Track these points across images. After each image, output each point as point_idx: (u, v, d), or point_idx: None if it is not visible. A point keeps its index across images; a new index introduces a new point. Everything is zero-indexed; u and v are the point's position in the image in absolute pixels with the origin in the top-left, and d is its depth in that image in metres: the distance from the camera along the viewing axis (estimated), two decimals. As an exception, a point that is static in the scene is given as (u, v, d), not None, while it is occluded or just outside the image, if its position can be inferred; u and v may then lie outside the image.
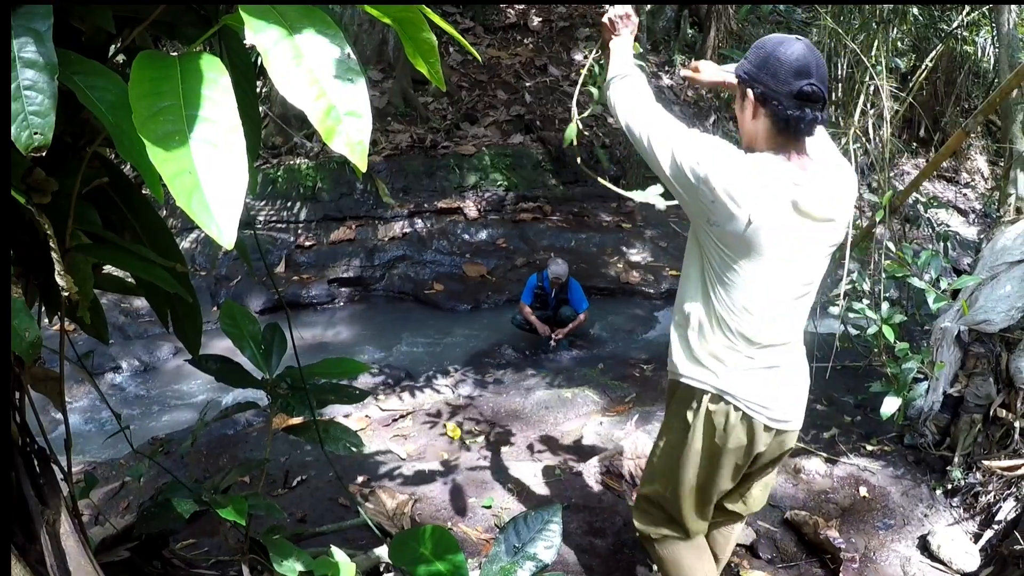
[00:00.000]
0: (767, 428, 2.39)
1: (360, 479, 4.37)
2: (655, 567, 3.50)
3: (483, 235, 10.65)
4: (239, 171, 1.16)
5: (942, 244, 5.90)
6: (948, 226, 10.67)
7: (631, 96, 2.43)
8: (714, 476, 2.50)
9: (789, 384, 2.42)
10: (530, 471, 4.44)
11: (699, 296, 2.36)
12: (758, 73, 2.19)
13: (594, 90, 3.24)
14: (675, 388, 2.52)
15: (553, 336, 7.85)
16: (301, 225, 10.49)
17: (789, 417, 2.43)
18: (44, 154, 1.19)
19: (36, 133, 1.18)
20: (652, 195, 2.67)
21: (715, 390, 2.37)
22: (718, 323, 2.32)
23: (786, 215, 2.15)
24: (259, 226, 10.16)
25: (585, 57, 13.79)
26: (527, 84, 13.10)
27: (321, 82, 1.20)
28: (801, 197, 2.14)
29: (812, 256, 2.27)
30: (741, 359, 2.32)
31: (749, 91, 2.23)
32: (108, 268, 1.99)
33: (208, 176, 1.13)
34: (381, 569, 2.98)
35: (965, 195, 12.34)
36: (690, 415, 2.44)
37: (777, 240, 2.16)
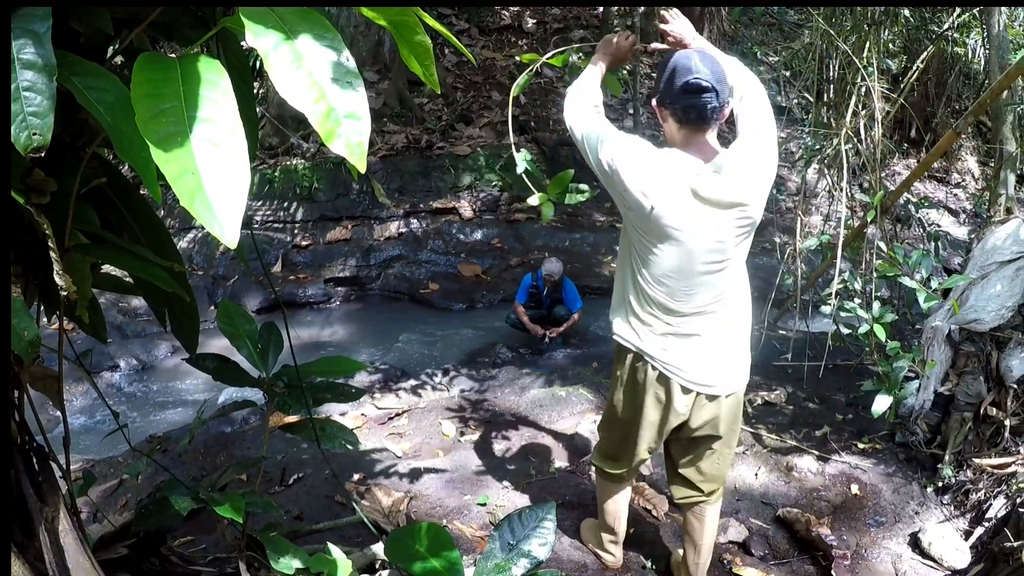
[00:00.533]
0: (686, 390, 2.75)
1: (356, 477, 4.38)
2: (649, 563, 3.56)
3: (478, 235, 10.66)
4: (241, 171, 1.17)
5: (933, 244, 5.92)
6: (939, 226, 10.67)
7: (580, 100, 2.76)
8: (637, 427, 2.91)
9: (710, 352, 2.72)
10: (524, 469, 4.46)
11: (628, 271, 2.75)
12: (658, 86, 2.57)
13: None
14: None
15: (547, 335, 7.87)
16: (298, 225, 10.50)
17: (708, 382, 2.75)
18: (43, 155, 1.19)
19: (35, 134, 1.18)
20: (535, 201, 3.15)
21: (636, 350, 2.78)
22: (642, 294, 2.70)
23: (686, 202, 2.46)
24: (256, 226, 10.16)
25: (579, 59, 13.78)
26: (521, 85, 13.10)
27: (321, 85, 1.21)
28: (701, 185, 2.44)
29: (720, 236, 2.52)
30: (661, 325, 2.69)
31: (654, 102, 2.59)
32: (106, 267, 1.99)
33: (210, 176, 1.14)
34: (377, 566, 2.98)
35: (956, 195, 12.37)
36: (619, 370, 2.90)
37: (680, 223, 2.48)
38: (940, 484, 4.07)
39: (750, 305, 2.81)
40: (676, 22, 2.76)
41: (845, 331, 5.16)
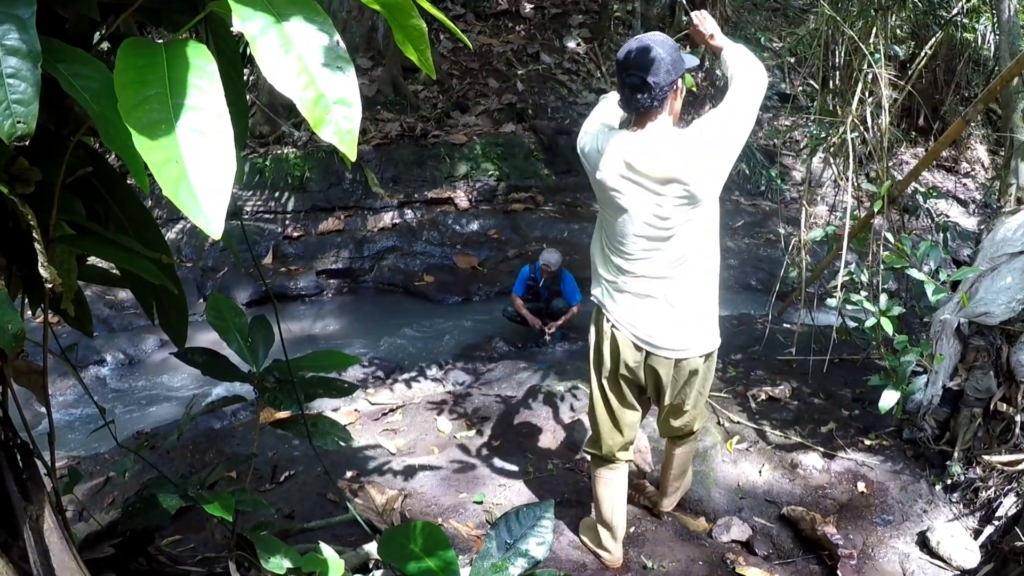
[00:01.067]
0: (637, 347, 3.06)
1: (349, 474, 4.33)
2: (650, 563, 3.51)
3: (474, 226, 10.62)
4: (226, 159, 1.15)
5: (941, 235, 5.84)
6: (947, 216, 10.66)
7: (602, 108, 3.22)
8: (601, 381, 3.23)
9: (665, 316, 2.99)
10: (522, 466, 4.42)
11: (598, 237, 3.13)
12: None
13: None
14: None
15: (546, 329, 7.81)
16: (289, 216, 10.45)
17: (658, 342, 3.01)
18: (27, 143, 1.18)
19: (19, 122, 1.17)
20: None
21: (599, 303, 3.15)
22: (605, 255, 3.08)
23: (623, 172, 2.80)
24: (246, 216, 10.12)
25: (578, 45, 13.74)
26: (519, 72, 13.03)
27: (310, 70, 1.19)
28: (635, 159, 2.77)
29: (659, 206, 2.79)
30: (619, 284, 3.03)
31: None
32: (92, 259, 1.98)
33: (195, 165, 1.12)
34: (370, 566, 2.96)
35: (965, 185, 12.31)
36: (592, 324, 3.24)
37: (618, 192, 2.84)
38: (949, 482, 4.01)
39: (715, 274, 3.05)
40: (704, 23, 3.04)
41: (851, 324, 5.10)
